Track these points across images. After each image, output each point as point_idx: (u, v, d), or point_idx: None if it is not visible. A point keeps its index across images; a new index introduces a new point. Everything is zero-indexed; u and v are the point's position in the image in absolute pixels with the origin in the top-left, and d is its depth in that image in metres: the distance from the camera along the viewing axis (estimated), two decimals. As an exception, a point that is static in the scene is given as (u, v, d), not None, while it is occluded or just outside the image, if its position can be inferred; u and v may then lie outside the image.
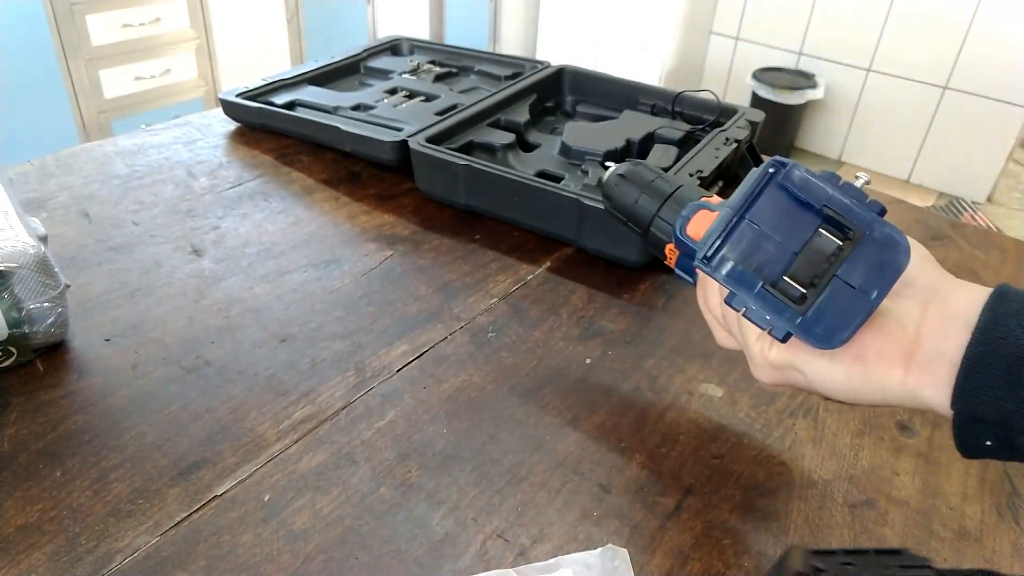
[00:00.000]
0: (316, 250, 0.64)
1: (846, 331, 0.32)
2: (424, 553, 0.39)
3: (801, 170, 0.33)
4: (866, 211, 0.32)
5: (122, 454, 0.44)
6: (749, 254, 0.33)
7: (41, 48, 1.99)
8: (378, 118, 0.79)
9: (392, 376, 0.51)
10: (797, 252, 0.33)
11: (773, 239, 0.33)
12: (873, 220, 0.32)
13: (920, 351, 0.32)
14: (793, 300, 0.32)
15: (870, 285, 0.31)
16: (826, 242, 0.32)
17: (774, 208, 0.33)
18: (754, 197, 0.33)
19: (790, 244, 0.33)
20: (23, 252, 0.47)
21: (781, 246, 0.33)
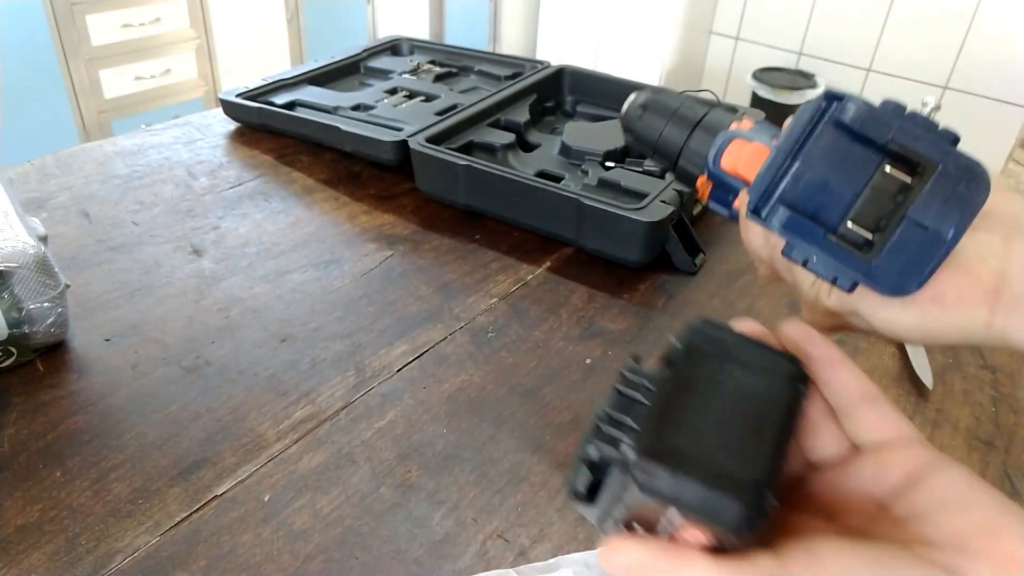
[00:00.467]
0: (316, 250, 0.64)
1: (920, 277, 0.29)
2: (424, 553, 0.39)
3: (859, 103, 0.29)
4: (937, 141, 0.28)
5: (122, 454, 0.44)
6: (806, 200, 0.30)
7: (41, 48, 1.99)
8: (378, 118, 0.79)
9: (392, 376, 0.51)
10: (859, 193, 0.29)
11: (831, 181, 0.29)
12: (947, 152, 0.28)
13: (1008, 289, 0.29)
14: (858, 247, 0.29)
15: (945, 224, 0.28)
16: (891, 180, 0.29)
17: (830, 147, 0.29)
18: (806, 136, 0.30)
19: (851, 185, 0.29)
20: (23, 252, 0.47)
21: (841, 188, 0.29)
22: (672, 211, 0.61)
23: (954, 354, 0.57)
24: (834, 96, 0.30)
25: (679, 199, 0.63)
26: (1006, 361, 0.56)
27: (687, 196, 0.65)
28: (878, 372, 0.54)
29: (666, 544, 0.24)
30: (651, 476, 0.23)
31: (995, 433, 0.50)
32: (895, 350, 0.56)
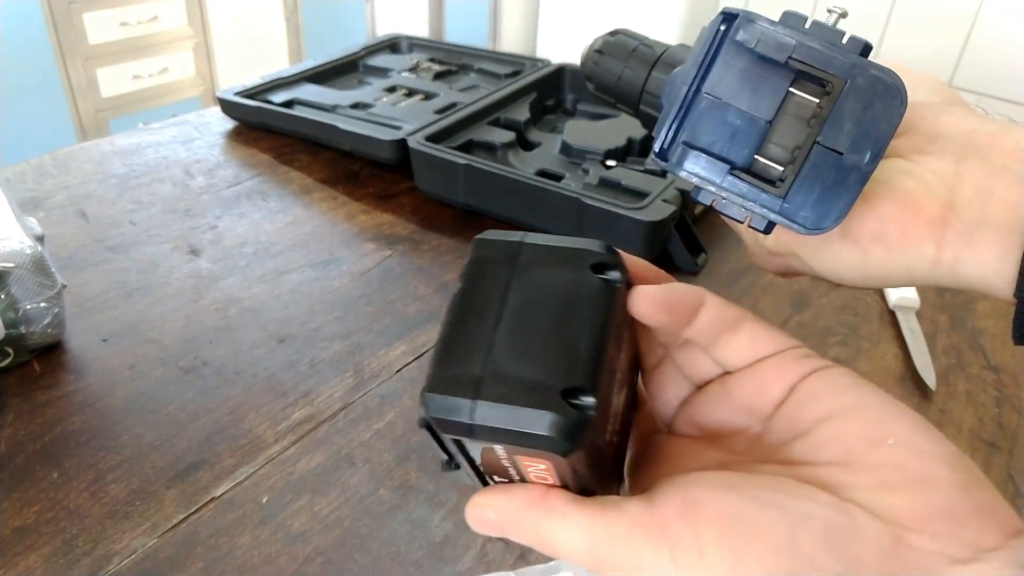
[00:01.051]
0: (314, 250, 0.64)
1: (837, 210, 0.25)
2: (423, 555, 0.39)
3: (759, 20, 0.26)
4: (843, 54, 0.25)
5: (119, 455, 0.44)
6: (712, 137, 0.27)
7: (38, 47, 1.98)
8: (377, 117, 0.79)
9: (391, 377, 0.51)
10: (770, 122, 0.26)
11: (739, 111, 0.26)
12: (853, 64, 0.25)
13: (957, 218, 0.25)
14: (770, 182, 0.26)
15: (859, 147, 0.25)
16: (800, 104, 0.26)
17: (734, 72, 0.26)
18: (707, 64, 0.27)
19: (760, 114, 0.26)
20: (20, 252, 0.46)
21: (750, 118, 0.26)
22: (674, 210, 0.61)
23: (957, 355, 0.56)
24: (730, 15, 0.27)
25: (681, 198, 0.63)
26: (1010, 361, 0.56)
27: (688, 195, 0.64)
28: (880, 372, 0.54)
29: (531, 492, 0.22)
30: (447, 413, 0.20)
31: (998, 434, 0.50)
32: (898, 351, 0.56)
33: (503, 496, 0.22)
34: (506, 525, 0.22)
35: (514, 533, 0.22)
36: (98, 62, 2.11)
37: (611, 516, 0.21)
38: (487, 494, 0.23)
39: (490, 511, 0.23)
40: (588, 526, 0.21)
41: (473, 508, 0.23)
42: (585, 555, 0.21)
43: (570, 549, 0.21)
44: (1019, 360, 0.57)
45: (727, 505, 0.20)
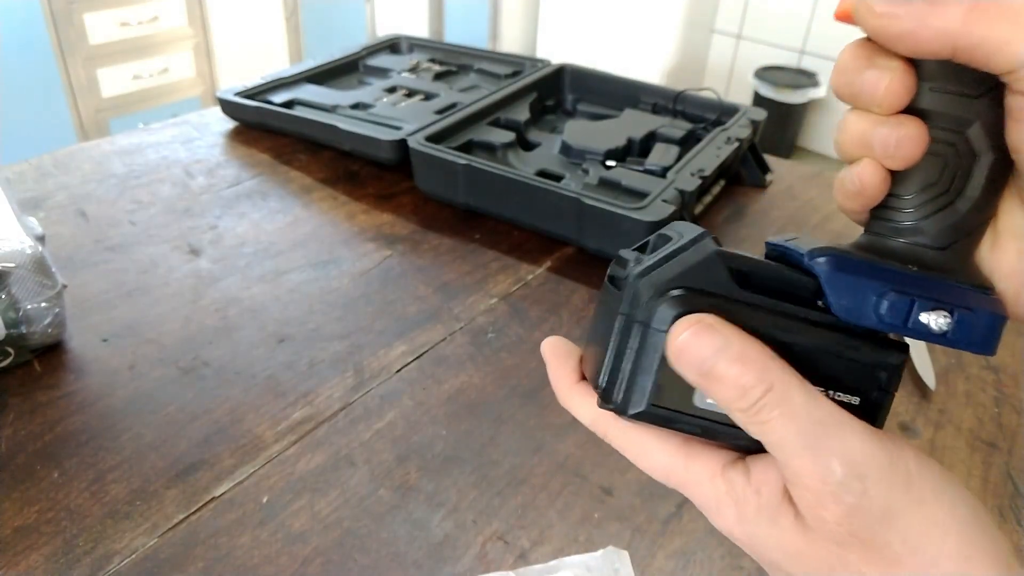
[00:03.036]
0: (314, 250, 0.64)
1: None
2: (423, 555, 0.39)
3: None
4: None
5: (120, 455, 0.44)
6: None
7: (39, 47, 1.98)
8: (377, 117, 0.79)
9: (391, 377, 0.51)
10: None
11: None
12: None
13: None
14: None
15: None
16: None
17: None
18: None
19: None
20: (20, 252, 0.46)
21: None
22: (673, 210, 0.61)
23: (957, 355, 0.56)
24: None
25: (680, 198, 0.63)
26: (1009, 361, 0.56)
27: (688, 195, 0.64)
28: (880, 372, 0.54)
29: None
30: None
31: (998, 434, 0.50)
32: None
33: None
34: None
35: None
36: (98, 62, 2.11)
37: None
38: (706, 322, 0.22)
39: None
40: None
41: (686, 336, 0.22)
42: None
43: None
44: (1019, 360, 0.57)
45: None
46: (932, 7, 0.20)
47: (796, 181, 0.81)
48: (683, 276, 0.22)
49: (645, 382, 0.22)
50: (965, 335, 0.22)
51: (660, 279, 0.22)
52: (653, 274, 0.22)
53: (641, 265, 0.23)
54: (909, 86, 0.21)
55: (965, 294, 0.22)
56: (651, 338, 0.22)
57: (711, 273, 0.22)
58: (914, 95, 0.22)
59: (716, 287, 0.22)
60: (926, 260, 0.23)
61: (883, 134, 0.22)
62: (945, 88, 0.22)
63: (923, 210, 0.23)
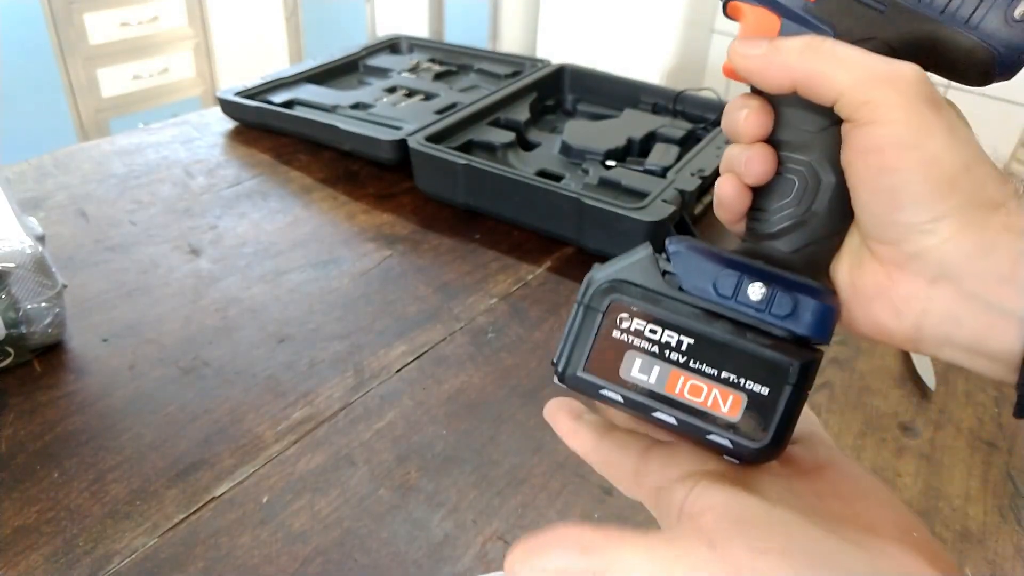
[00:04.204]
0: (314, 250, 0.64)
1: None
2: (423, 555, 0.39)
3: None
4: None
5: (120, 455, 0.44)
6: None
7: (39, 47, 1.98)
8: (377, 117, 0.79)
9: (391, 377, 0.51)
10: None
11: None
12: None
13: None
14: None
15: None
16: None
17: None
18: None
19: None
20: (20, 252, 0.46)
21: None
22: (673, 210, 0.61)
23: (956, 354, 0.56)
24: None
25: (680, 198, 0.63)
26: (1008, 361, 0.56)
27: (688, 195, 0.64)
28: (880, 372, 0.54)
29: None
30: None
31: (998, 434, 0.50)
32: (897, 351, 0.56)
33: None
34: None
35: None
36: (98, 62, 2.11)
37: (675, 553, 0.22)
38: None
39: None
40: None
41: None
42: None
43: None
44: (1018, 360, 0.57)
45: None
46: (776, 48, 0.25)
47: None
48: (622, 271, 0.28)
49: (581, 353, 0.27)
50: (785, 316, 0.25)
51: (605, 273, 0.28)
52: (603, 272, 0.28)
53: (599, 268, 0.28)
54: (764, 121, 0.27)
55: (797, 284, 0.26)
56: (589, 316, 0.27)
57: (646, 272, 0.27)
58: (771, 129, 0.27)
59: (648, 283, 0.27)
60: (778, 260, 0.27)
61: (739, 154, 0.28)
62: (795, 124, 0.27)
63: (779, 222, 0.28)
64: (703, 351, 0.26)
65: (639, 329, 0.27)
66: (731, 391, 0.26)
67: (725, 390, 0.26)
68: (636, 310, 0.27)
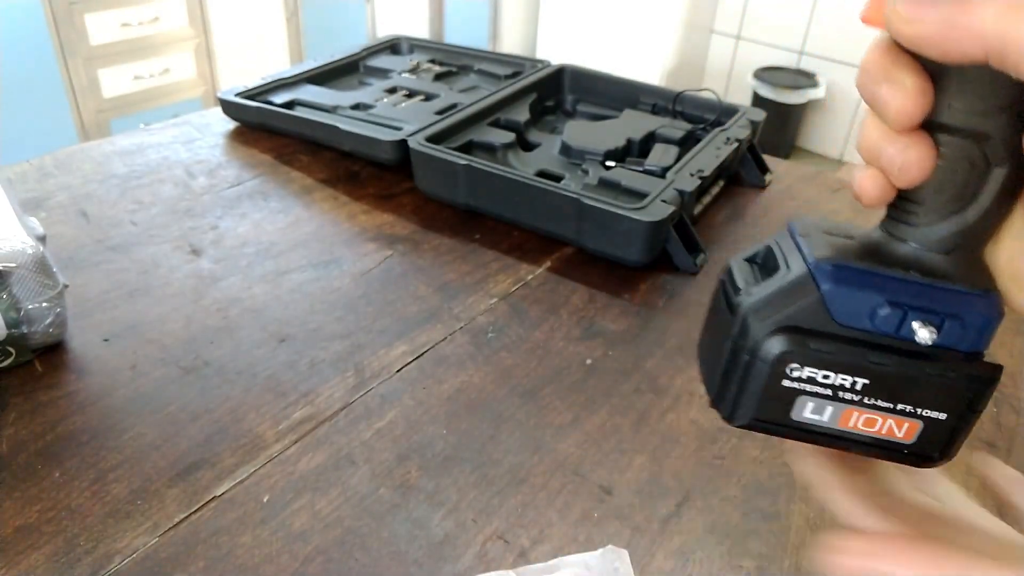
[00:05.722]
0: (315, 250, 0.64)
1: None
2: (424, 554, 0.39)
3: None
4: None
5: (121, 455, 0.44)
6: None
7: (40, 47, 1.98)
8: (377, 117, 0.79)
9: (391, 377, 0.51)
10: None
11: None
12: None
13: None
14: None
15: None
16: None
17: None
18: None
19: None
20: (21, 252, 0.46)
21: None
22: (673, 211, 0.61)
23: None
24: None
25: (680, 199, 0.63)
26: (1007, 361, 0.56)
27: (688, 196, 0.64)
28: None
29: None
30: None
31: (996, 434, 0.50)
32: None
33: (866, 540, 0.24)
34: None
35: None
36: (99, 63, 2.11)
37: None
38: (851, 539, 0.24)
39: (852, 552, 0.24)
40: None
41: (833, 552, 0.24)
42: None
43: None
44: (1017, 360, 0.57)
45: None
46: (962, 8, 0.19)
47: (795, 181, 0.82)
48: (788, 317, 0.25)
49: (749, 401, 0.26)
50: (955, 340, 0.25)
51: (767, 316, 0.25)
52: (761, 310, 0.25)
53: (751, 298, 0.26)
54: (923, 105, 0.21)
55: (959, 299, 0.24)
56: (757, 367, 0.25)
57: (813, 313, 0.25)
58: (932, 111, 0.21)
59: (816, 324, 0.25)
60: (930, 264, 0.24)
61: (890, 153, 0.22)
62: (966, 106, 0.22)
63: (932, 216, 0.24)
64: (876, 388, 0.25)
65: (811, 376, 0.25)
66: (906, 419, 0.25)
67: (900, 419, 0.26)
68: (807, 356, 0.25)
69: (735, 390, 0.26)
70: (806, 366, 0.25)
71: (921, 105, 0.21)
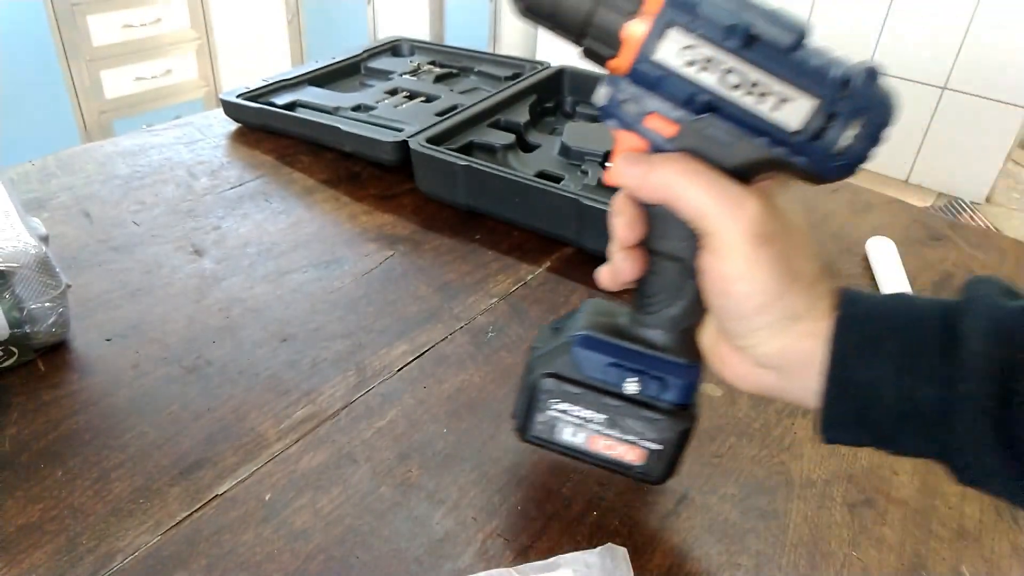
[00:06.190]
0: (317, 250, 0.64)
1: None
2: (424, 552, 0.40)
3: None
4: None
5: (123, 453, 0.44)
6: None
7: (42, 49, 1.99)
8: (378, 118, 0.79)
9: (392, 376, 0.51)
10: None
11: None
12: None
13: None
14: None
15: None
16: None
17: None
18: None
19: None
20: (24, 252, 0.47)
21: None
22: (672, 211, 0.61)
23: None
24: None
25: (679, 199, 0.63)
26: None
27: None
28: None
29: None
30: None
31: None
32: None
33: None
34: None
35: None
36: (102, 64, 2.11)
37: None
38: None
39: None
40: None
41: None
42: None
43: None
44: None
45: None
46: (649, 167, 0.31)
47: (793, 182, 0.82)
48: (554, 367, 0.37)
49: (531, 424, 0.39)
50: (657, 394, 0.36)
51: (543, 366, 0.38)
52: (540, 361, 0.38)
53: (537, 352, 0.39)
54: (638, 230, 0.34)
55: (666, 365, 0.36)
56: (534, 400, 0.38)
57: (568, 366, 0.37)
58: (646, 233, 0.34)
59: (571, 374, 0.37)
60: (655, 340, 0.36)
61: (615, 260, 0.35)
62: (670, 230, 0.33)
63: (655, 307, 0.35)
64: (610, 422, 0.37)
65: (566, 409, 0.37)
66: (634, 447, 0.37)
67: (630, 446, 0.37)
68: (563, 394, 0.37)
69: (524, 415, 0.39)
70: (563, 402, 0.37)
71: (633, 233, 0.34)
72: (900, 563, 0.41)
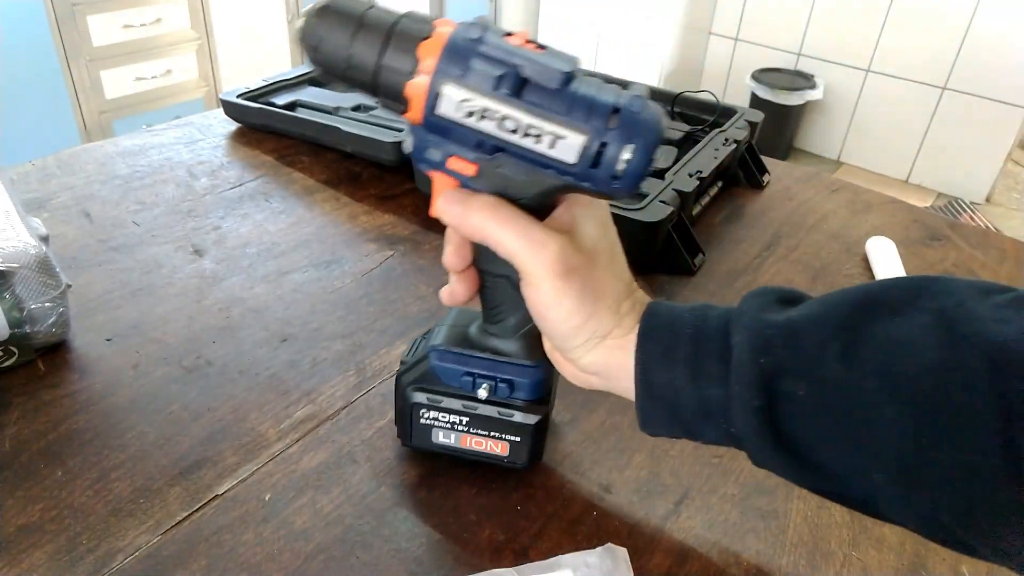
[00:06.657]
0: (317, 250, 0.64)
1: None
2: (424, 552, 0.40)
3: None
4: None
5: (123, 453, 0.44)
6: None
7: (42, 49, 1.99)
8: (379, 119, 0.79)
9: (393, 376, 0.51)
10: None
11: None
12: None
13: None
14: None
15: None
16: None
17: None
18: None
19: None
20: (24, 252, 0.47)
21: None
22: (671, 211, 0.61)
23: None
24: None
25: (678, 199, 0.64)
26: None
27: (686, 196, 0.65)
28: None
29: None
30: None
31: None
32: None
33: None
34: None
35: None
36: (102, 64, 2.11)
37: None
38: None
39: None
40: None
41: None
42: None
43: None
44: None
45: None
46: (467, 210, 0.35)
47: (793, 182, 0.82)
48: (419, 379, 0.41)
49: (408, 430, 0.42)
50: (509, 395, 0.40)
51: (410, 379, 0.41)
52: (407, 374, 0.41)
53: (404, 366, 0.42)
54: (464, 256, 0.38)
55: (513, 369, 0.40)
56: (407, 410, 0.42)
57: (429, 378, 0.41)
58: (474, 258, 0.38)
59: (433, 385, 0.41)
60: (502, 347, 0.40)
61: (450, 281, 0.39)
62: (490, 258, 0.36)
63: (499, 317, 0.39)
64: (474, 423, 0.41)
65: (436, 416, 0.41)
66: (498, 441, 0.41)
67: (495, 441, 0.41)
68: (431, 404, 0.41)
69: (402, 425, 0.42)
70: (431, 410, 0.41)
71: (461, 260, 0.38)
72: (900, 563, 0.41)
